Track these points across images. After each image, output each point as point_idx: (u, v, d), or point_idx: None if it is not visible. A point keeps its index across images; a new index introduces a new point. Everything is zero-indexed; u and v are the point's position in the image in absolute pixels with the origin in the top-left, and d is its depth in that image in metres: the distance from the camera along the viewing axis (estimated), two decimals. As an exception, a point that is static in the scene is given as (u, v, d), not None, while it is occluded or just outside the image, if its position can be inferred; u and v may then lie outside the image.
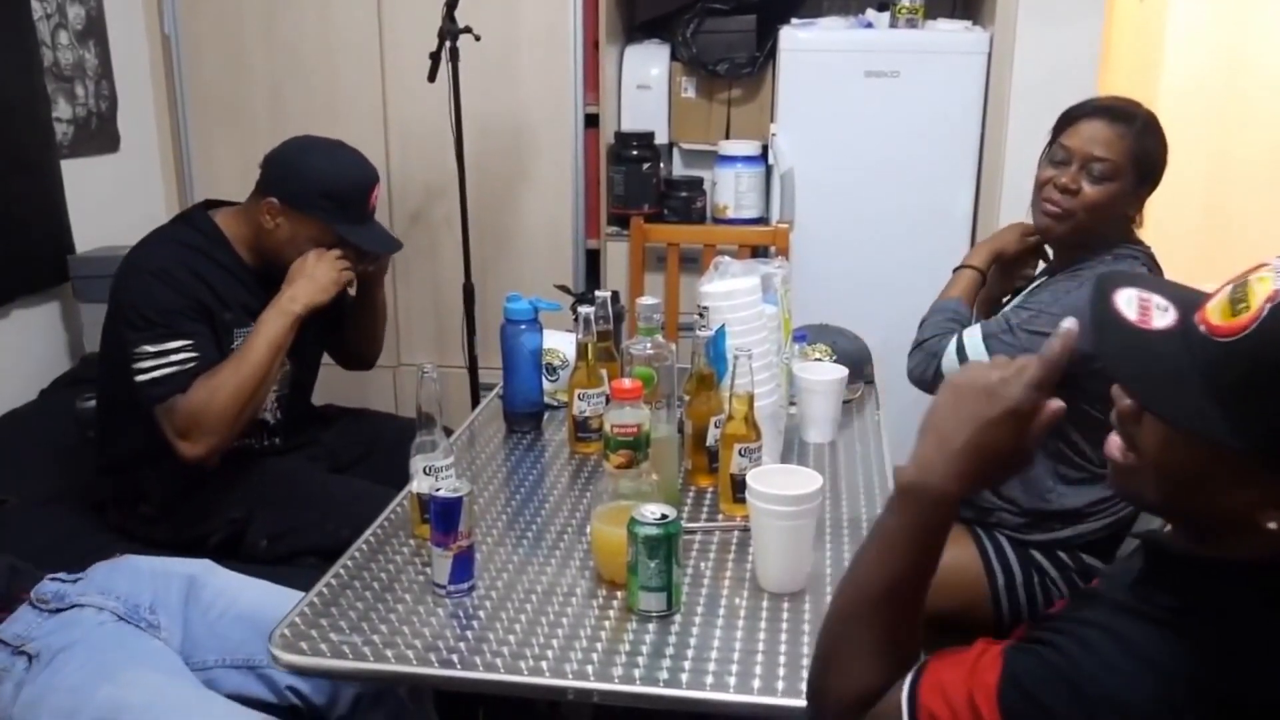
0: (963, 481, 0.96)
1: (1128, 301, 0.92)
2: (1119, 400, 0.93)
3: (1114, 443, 0.94)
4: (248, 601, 1.59)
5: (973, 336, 1.83)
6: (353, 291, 2.24)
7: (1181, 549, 0.92)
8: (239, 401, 1.87)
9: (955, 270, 2.05)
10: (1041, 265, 2.07)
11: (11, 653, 1.44)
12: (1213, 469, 0.85)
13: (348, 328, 2.29)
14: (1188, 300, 0.90)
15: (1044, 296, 1.82)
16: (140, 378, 1.84)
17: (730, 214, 3.05)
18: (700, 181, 3.09)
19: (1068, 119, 1.85)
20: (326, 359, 2.35)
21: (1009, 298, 2.06)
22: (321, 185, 1.98)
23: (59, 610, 1.50)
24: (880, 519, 1.01)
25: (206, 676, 1.53)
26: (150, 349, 1.85)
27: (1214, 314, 0.85)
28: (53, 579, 1.55)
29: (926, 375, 1.88)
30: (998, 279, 2.07)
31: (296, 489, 2.03)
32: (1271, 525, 0.83)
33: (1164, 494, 0.91)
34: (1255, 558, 0.86)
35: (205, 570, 1.63)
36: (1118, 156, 1.77)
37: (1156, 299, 0.91)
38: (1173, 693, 0.82)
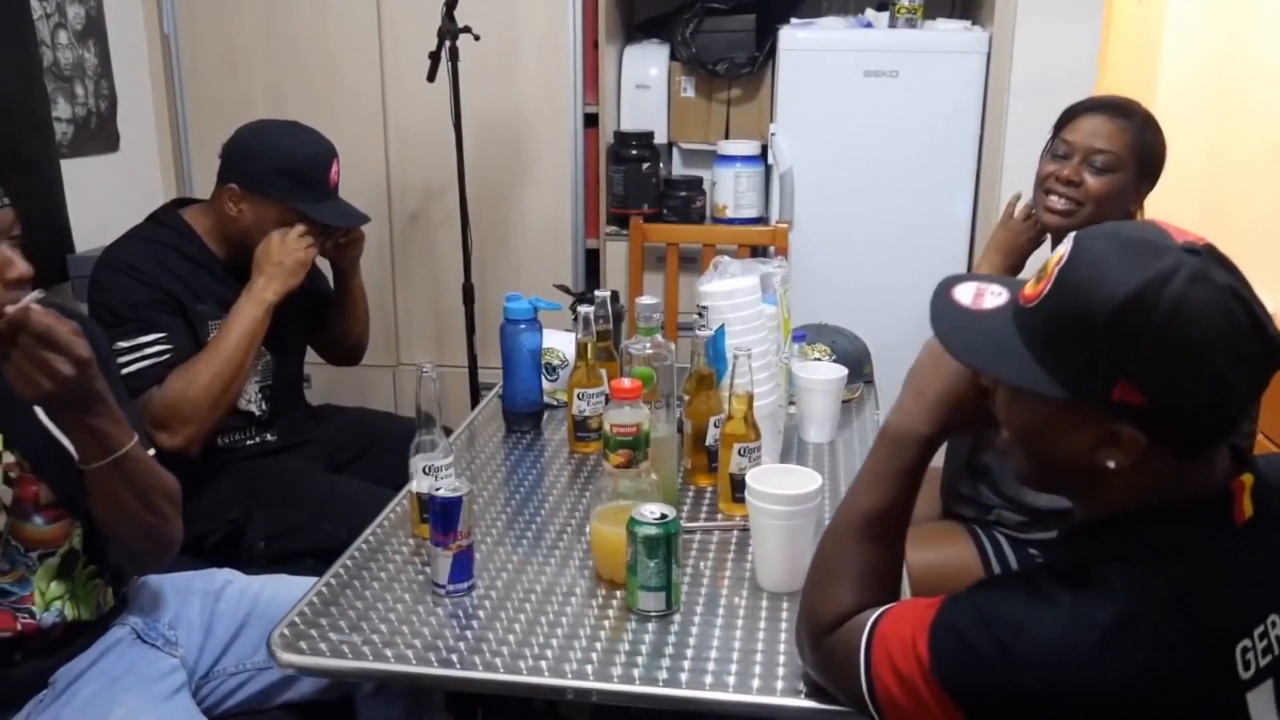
0: (934, 426, 1.14)
1: (964, 291, 1.09)
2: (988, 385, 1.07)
3: (1001, 433, 1.07)
4: (266, 602, 1.57)
5: None
6: (331, 285, 2.25)
7: (1077, 517, 1.07)
8: (215, 390, 1.87)
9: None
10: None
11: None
12: (1052, 422, 0.98)
13: (331, 321, 2.30)
14: (1018, 285, 1.04)
15: None
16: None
17: (729, 214, 3.05)
18: (699, 181, 3.09)
19: (1068, 115, 1.85)
20: (317, 358, 2.35)
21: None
22: (276, 163, 1.98)
23: None
24: (867, 459, 1.17)
25: (233, 684, 1.52)
26: (124, 344, 1.85)
27: (1028, 287, 1.00)
28: None
29: None
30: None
31: (294, 489, 2.03)
32: (1109, 463, 0.95)
33: (1031, 461, 1.04)
34: (1129, 506, 0.98)
35: (225, 581, 1.62)
36: (1120, 149, 1.78)
37: (992, 287, 1.07)
38: (1078, 636, 0.92)
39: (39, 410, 1.30)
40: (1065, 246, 0.96)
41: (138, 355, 1.86)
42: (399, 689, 1.55)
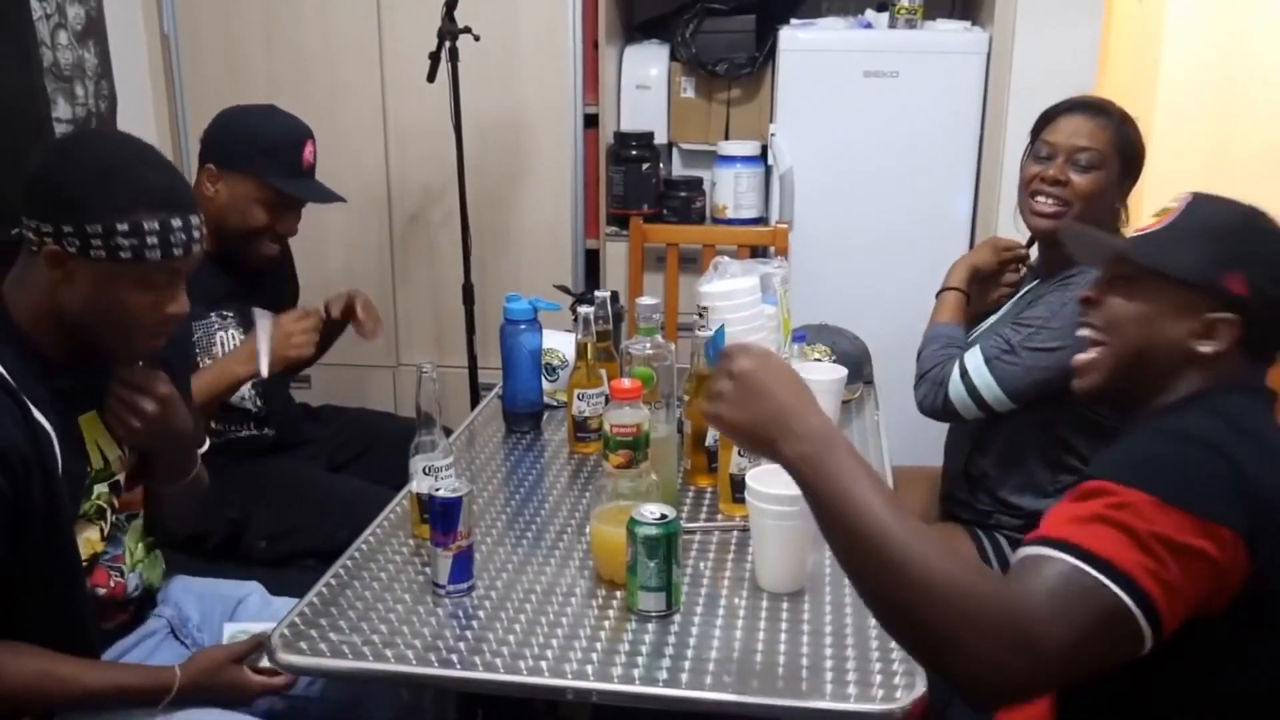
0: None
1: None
2: (1086, 296, 1.26)
3: (1081, 352, 1.26)
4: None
5: (974, 360, 1.81)
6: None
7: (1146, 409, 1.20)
8: None
9: (938, 294, 2.04)
10: (1024, 272, 2.06)
11: None
12: (1163, 307, 1.17)
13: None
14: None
15: (1039, 311, 1.81)
16: None
17: (729, 214, 3.05)
18: (699, 181, 3.09)
19: (1046, 118, 1.87)
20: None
21: (992, 313, 2.06)
22: (250, 140, 1.99)
23: None
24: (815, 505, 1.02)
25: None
26: None
27: (1147, 222, 1.24)
28: None
29: (937, 405, 1.88)
30: (977, 295, 2.07)
31: (294, 489, 2.03)
32: (1205, 349, 1.14)
33: (1120, 360, 1.21)
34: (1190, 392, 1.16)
35: (248, 595, 1.63)
36: (1102, 146, 1.79)
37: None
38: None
39: None
40: (1184, 196, 1.21)
41: None
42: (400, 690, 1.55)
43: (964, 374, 1.81)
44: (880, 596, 0.98)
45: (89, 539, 1.38)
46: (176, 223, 1.30)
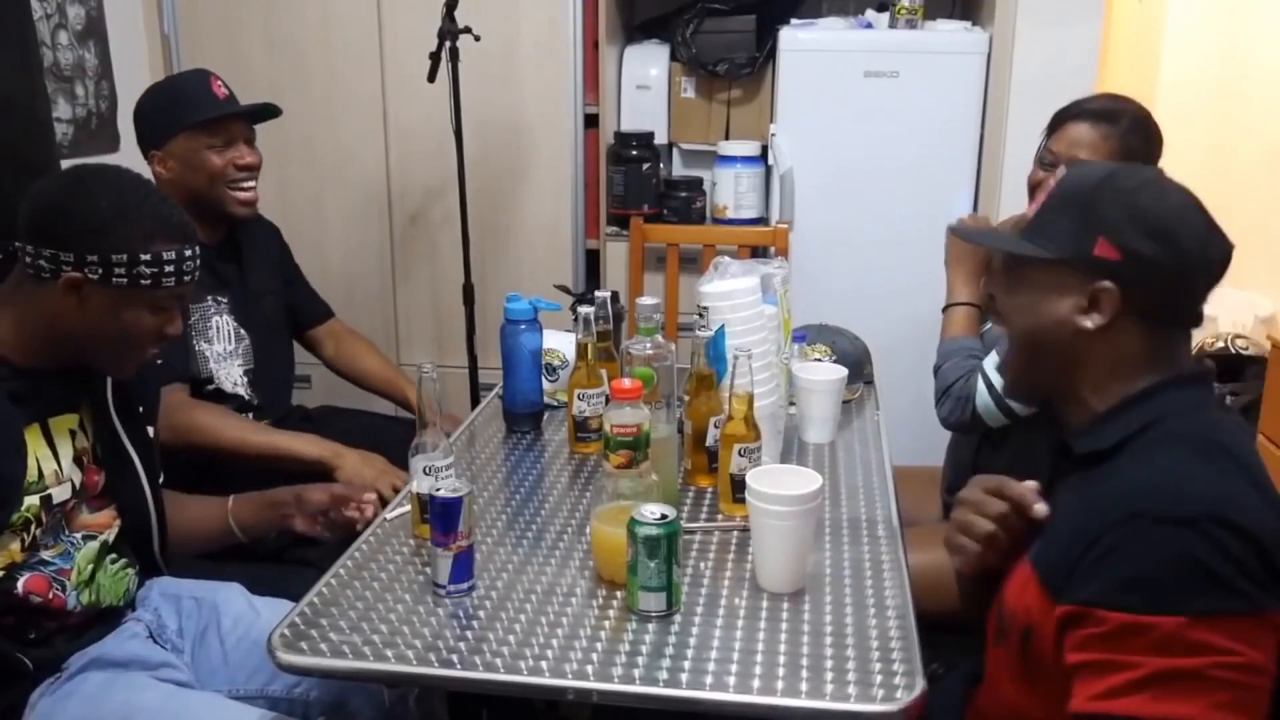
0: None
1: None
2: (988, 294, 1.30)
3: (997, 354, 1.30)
4: (262, 629, 1.57)
5: (995, 372, 1.78)
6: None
7: (1081, 421, 1.17)
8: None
9: (945, 309, 2.00)
10: None
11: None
12: (1041, 290, 1.15)
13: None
14: None
15: None
16: None
17: (730, 214, 3.05)
18: (700, 182, 3.09)
19: (1056, 122, 1.87)
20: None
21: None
22: (159, 104, 2.05)
23: None
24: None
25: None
26: None
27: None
28: None
29: (965, 420, 1.84)
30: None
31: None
32: (1088, 323, 1.12)
33: (1021, 350, 1.19)
34: (1128, 389, 1.13)
35: (228, 598, 1.62)
36: (1101, 158, 1.78)
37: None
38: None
39: (111, 406, 1.52)
40: (1057, 174, 1.20)
41: None
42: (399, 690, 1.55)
43: (990, 387, 1.79)
44: None
45: (9, 549, 1.38)
46: (188, 253, 1.43)
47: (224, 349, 2.10)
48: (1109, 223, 1.10)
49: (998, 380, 1.77)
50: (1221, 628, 0.95)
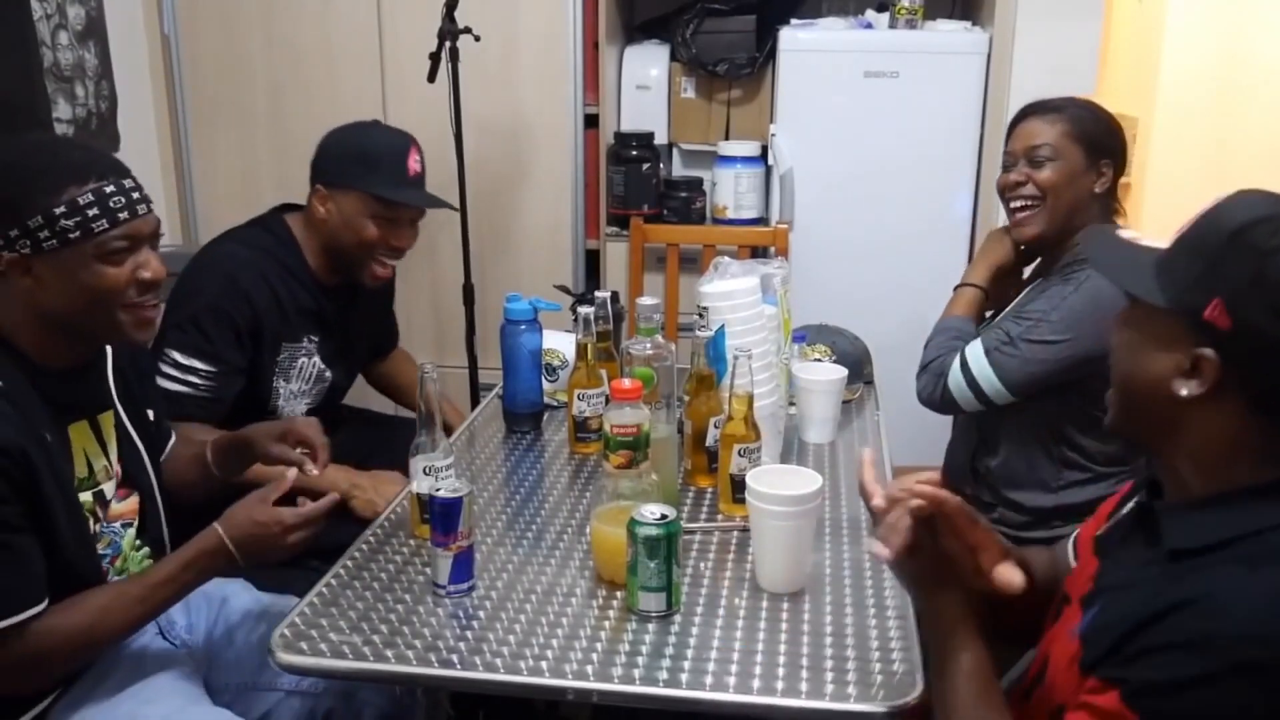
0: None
1: (1127, 232, 1.20)
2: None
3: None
4: (270, 622, 1.57)
5: (974, 351, 1.81)
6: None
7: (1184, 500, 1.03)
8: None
9: (956, 288, 2.03)
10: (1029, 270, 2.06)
11: None
12: (1145, 337, 1.02)
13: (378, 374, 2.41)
14: None
15: (1039, 304, 1.81)
16: (161, 381, 1.83)
17: (730, 214, 3.05)
18: (700, 182, 3.09)
19: (1011, 125, 1.92)
20: None
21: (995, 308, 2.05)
22: (352, 155, 1.99)
23: None
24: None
25: (231, 700, 1.53)
26: (177, 356, 1.86)
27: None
28: None
29: (935, 396, 1.87)
30: (997, 294, 2.07)
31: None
32: (1184, 391, 0.98)
33: (1119, 392, 1.08)
34: (1228, 481, 0.98)
35: (235, 593, 1.63)
36: (1053, 138, 1.83)
37: (1153, 239, 1.12)
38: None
39: (116, 396, 1.48)
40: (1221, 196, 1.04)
41: (181, 376, 1.87)
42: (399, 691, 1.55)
43: (964, 365, 1.82)
44: None
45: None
46: (109, 188, 1.32)
47: (299, 388, 2.06)
48: (1229, 284, 0.95)
49: (977, 364, 1.80)
50: None
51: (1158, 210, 3.31)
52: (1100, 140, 1.84)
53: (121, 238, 1.33)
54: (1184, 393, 0.98)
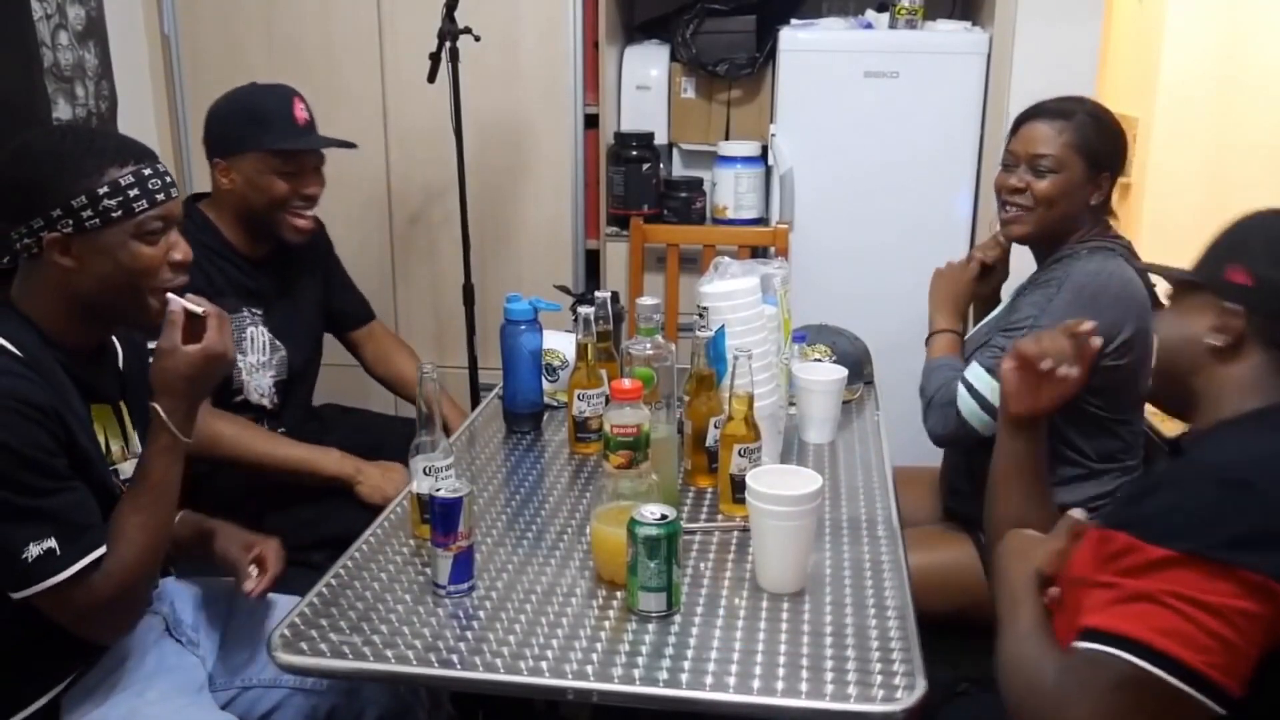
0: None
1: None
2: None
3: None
4: (274, 620, 1.58)
5: (975, 373, 1.80)
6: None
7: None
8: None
9: (928, 339, 2.03)
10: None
11: None
12: (1181, 310, 1.24)
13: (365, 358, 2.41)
14: None
15: (1026, 312, 1.81)
16: None
17: (730, 214, 3.05)
18: (700, 182, 3.09)
19: (1016, 124, 1.91)
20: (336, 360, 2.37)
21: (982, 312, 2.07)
22: (239, 117, 2.01)
23: None
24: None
25: (241, 696, 1.54)
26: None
27: None
28: None
29: (950, 427, 1.84)
30: (978, 305, 2.11)
31: (305, 484, 2.04)
32: (1215, 341, 1.17)
33: (1160, 355, 1.27)
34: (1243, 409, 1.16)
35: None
36: (1058, 150, 1.82)
37: None
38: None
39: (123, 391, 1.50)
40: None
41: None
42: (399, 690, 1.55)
43: (970, 389, 1.79)
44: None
45: None
46: (147, 171, 1.37)
47: (257, 360, 2.09)
48: (1245, 249, 1.18)
49: (982, 383, 1.78)
50: (1204, 572, 0.98)
51: (1158, 210, 3.31)
52: (1103, 152, 1.84)
53: (158, 218, 1.37)
54: (1215, 342, 1.17)
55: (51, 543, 1.25)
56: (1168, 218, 3.22)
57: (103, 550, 1.30)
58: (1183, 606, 0.98)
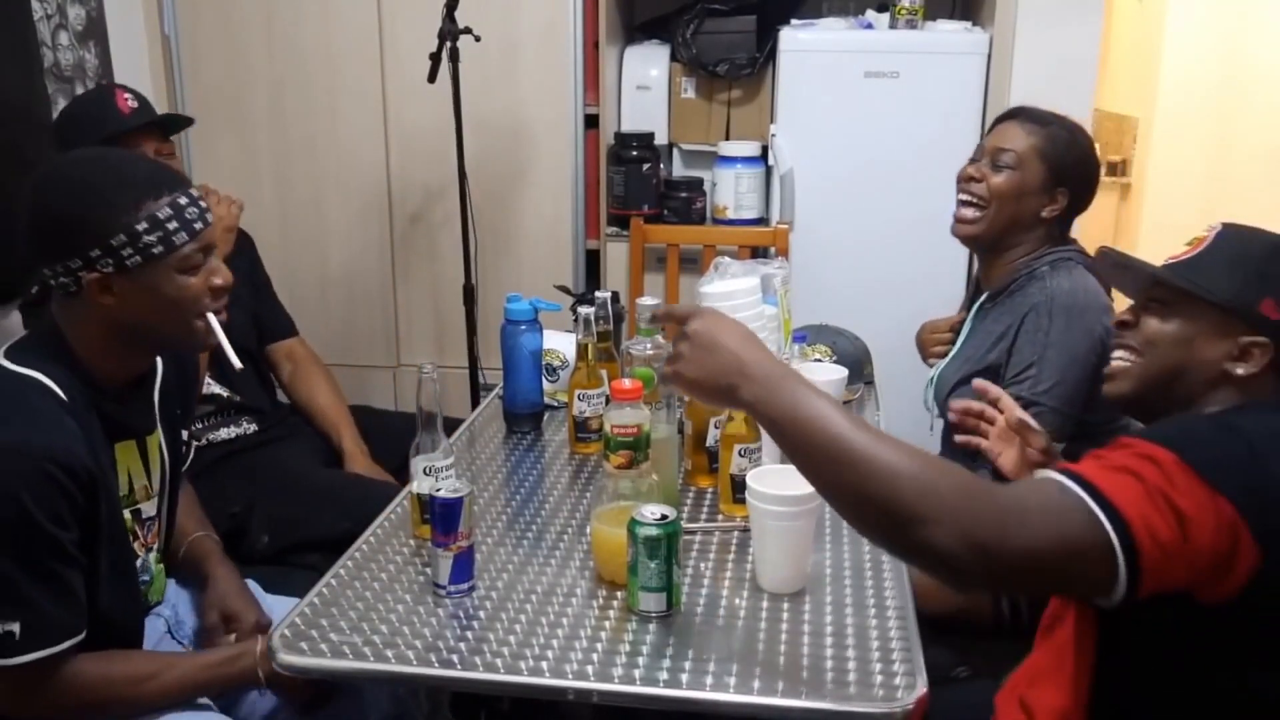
0: None
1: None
2: (1122, 319, 1.30)
3: (1116, 359, 1.30)
4: (277, 621, 1.59)
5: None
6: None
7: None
8: None
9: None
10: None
11: None
12: (1201, 331, 1.20)
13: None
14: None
15: (1023, 356, 1.78)
16: None
17: (730, 215, 3.05)
18: (700, 182, 3.09)
19: (995, 122, 1.93)
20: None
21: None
22: (75, 125, 1.97)
23: None
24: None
25: (242, 698, 1.53)
26: None
27: (1181, 250, 1.26)
28: None
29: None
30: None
31: (293, 482, 2.04)
32: (1239, 371, 1.18)
33: (1152, 375, 1.25)
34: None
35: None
36: (1021, 148, 1.83)
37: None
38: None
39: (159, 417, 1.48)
40: (1214, 226, 1.26)
41: None
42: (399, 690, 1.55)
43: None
44: (850, 494, 1.03)
45: None
46: (183, 200, 1.33)
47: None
48: (1277, 285, 1.18)
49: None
50: (1189, 479, 1.01)
51: (1158, 210, 3.32)
52: (1067, 167, 1.84)
53: (198, 249, 1.35)
54: (1240, 372, 1.18)
55: (14, 627, 1.22)
56: (1168, 218, 3.23)
57: (67, 645, 1.26)
58: (1162, 502, 0.99)
